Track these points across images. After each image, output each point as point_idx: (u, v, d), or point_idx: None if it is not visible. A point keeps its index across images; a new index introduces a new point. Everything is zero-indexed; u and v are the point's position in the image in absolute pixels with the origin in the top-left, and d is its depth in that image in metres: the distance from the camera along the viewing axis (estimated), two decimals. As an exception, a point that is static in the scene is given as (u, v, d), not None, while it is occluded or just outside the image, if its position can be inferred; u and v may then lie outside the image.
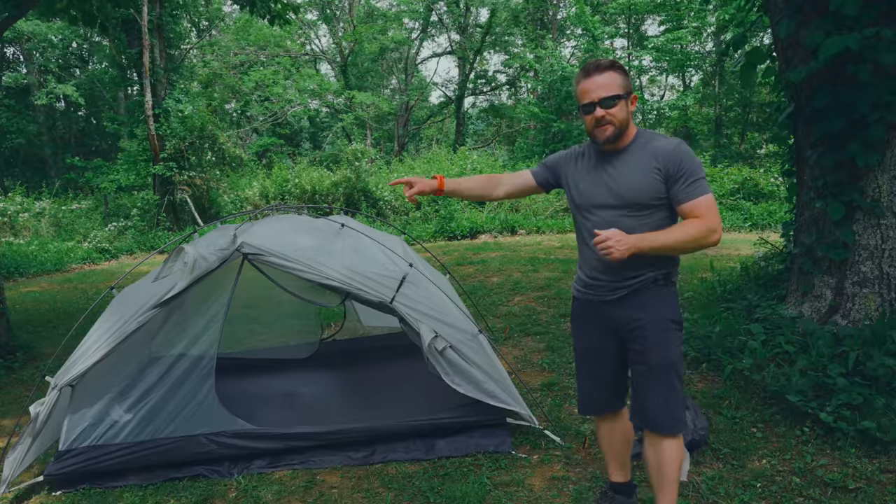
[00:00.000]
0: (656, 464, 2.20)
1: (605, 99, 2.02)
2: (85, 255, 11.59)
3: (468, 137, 26.43)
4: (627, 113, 2.07)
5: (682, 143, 2.05)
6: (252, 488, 2.90)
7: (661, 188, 2.04)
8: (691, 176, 1.99)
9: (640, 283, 2.11)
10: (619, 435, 2.42)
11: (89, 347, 3.00)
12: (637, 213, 2.06)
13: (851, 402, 2.97)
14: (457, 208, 13.62)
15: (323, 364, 4.57)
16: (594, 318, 2.24)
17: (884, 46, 3.06)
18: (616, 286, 2.14)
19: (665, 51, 17.82)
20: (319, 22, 26.06)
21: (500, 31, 24.90)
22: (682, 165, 2.00)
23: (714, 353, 4.00)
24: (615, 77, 2.04)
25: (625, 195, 2.07)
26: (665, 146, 2.05)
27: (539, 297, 6.38)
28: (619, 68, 2.07)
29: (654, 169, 2.03)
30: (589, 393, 2.37)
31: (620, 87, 2.04)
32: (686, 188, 2.00)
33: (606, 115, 2.03)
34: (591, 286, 2.22)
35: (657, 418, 2.14)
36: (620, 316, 2.16)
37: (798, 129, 3.88)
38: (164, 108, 13.65)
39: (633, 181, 2.06)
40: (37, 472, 3.09)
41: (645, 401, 2.16)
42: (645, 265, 2.09)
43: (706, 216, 1.97)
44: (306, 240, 3.33)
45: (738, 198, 12.92)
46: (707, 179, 2.27)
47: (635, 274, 2.10)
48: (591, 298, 2.23)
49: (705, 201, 1.99)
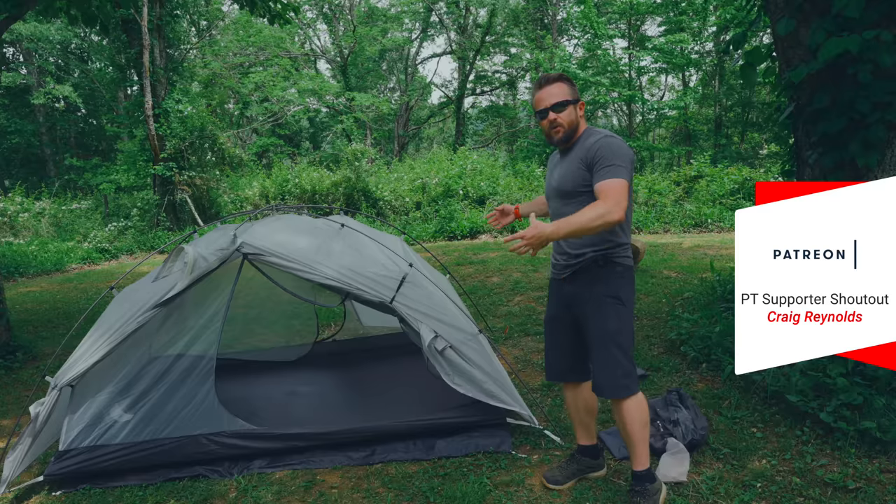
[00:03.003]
0: (620, 424, 2.50)
1: (556, 104, 2.38)
2: (85, 255, 11.59)
3: (468, 137, 26.43)
4: (576, 117, 2.43)
5: (606, 137, 2.35)
6: (252, 488, 2.90)
7: (585, 176, 2.36)
8: (604, 163, 2.28)
9: (582, 263, 2.43)
10: (581, 403, 2.74)
11: (89, 347, 3.00)
12: (572, 201, 2.40)
13: (851, 402, 2.97)
14: (457, 208, 13.62)
15: (323, 364, 4.57)
16: (556, 294, 2.61)
17: (883, 48, 3.06)
18: (566, 265, 2.49)
19: (665, 51, 17.82)
20: (318, 21, 26.05)
21: (501, 32, 24.90)
22: (598, 154, 2.30)
23: (714, 353, 3.99)
24: (563, 87, 2.40)
25: (561, 186, 2.46)
26: (590, 141, 2.37)
27: (539, 297, 6.38)
28: (566, 80, 2.42)
29: (581, 160, 2.37)
30: (552, 359, 2.72)
31: (568, 94, 2.40)
32: (598, 172, 2.29)
33: (557, 119, 2.39)
34: (554, 266, 2.58)
35: (599, 383, 2.47)
36: (570, 292, 2.51)
37: (798, 129, 3.88)
38: (163, 109, 13.64)
39: (568, 173, 2.42)
40: (37, 472, 3.09)
41: (595, 374, 2.49)
42: (585, 246, 2.41)
43: (605, 197, 2.22)
44: (306, 240, 3.33)
45: (738, 198, 12.91)
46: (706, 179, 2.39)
47: (577, 254, 2.43)
48: (555, 277, 2.60)
49: (608, 184, 2.24)
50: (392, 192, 14.76)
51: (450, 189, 14.53)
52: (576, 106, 2.42)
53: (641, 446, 2.48)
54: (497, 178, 15.06)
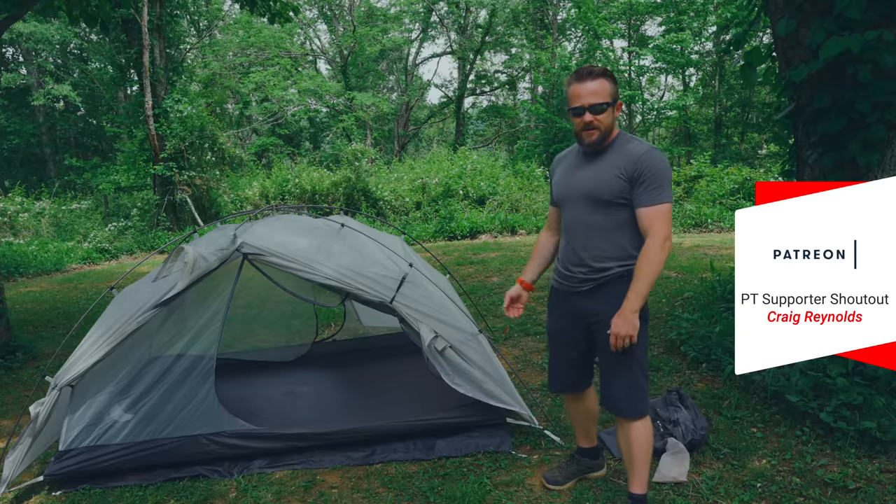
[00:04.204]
0: (626, 445, 2.40)
1: (595, 105, 2.17)
2: (85, 255, 11.58)
3: (468, 137, 26.43)
4: (613, 119, 2.23)
5: (652, 150, 2.18)
6: (252, 488, 2.90)
7: (624, 188, 2.19)
8: (653, 183, 2.14)
9: (607, 278, 2.27)
10: (582, 410, 2.68)
11: (89, 347, 3.00)
12: (604, 211, 2.24)
13: (851, 402, 2.97)
14: (457, 208, 13.62)
15: (323, 364, 4.57)
16: (566, 306, 2.42)
17: (884, 48, 3.06)
18: (586, 279, 2.31)
19: (665, 51, 17.82)
20: (318, 21, 26.06)
21: (501, 32, 24.90)
22: (647, 171, 2.15)
23: (714, 353, 3.99)
24: (606, 85, 2.19)
25: (592, 192, 2.25)
26: (635, 150, 2.20)
27: (539, 297, 6.38)
28: (609, 76, 2.21)
29: (621, 169, 2.19)
30: (557, 373, 2.60)
31: (609, 95, 2.19)
32: (644, 193, 2.16)
33: (594, 121, 2.19)
34: (566, 276, 2.39)
35: (619, 404, 2.36)
36: (588, 307, 2.33)
37: (798, 129, 3.88)
38: (163, 109, 13.64)
39: (602, 180, 2.23)
40: (37, 472, 3.09)
41: (609, 388, 2.37)
42: (610, 259, 2.26)
43: (655, 228, 2.13)
44: (306, 240, 3.33)
45: (738, 198, 12.92)
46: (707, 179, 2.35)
47: (601, 268, 2.27)
48: (565, 289, 2.41)
49: (658, 211, 2.14)
50: (392, 192, 14.75)
51: (450, 189, 14.53)
52: (614, 107, 2.23)
53: (643, 469, 2.40)
54: (497, 178, 15.07)
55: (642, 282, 2.12)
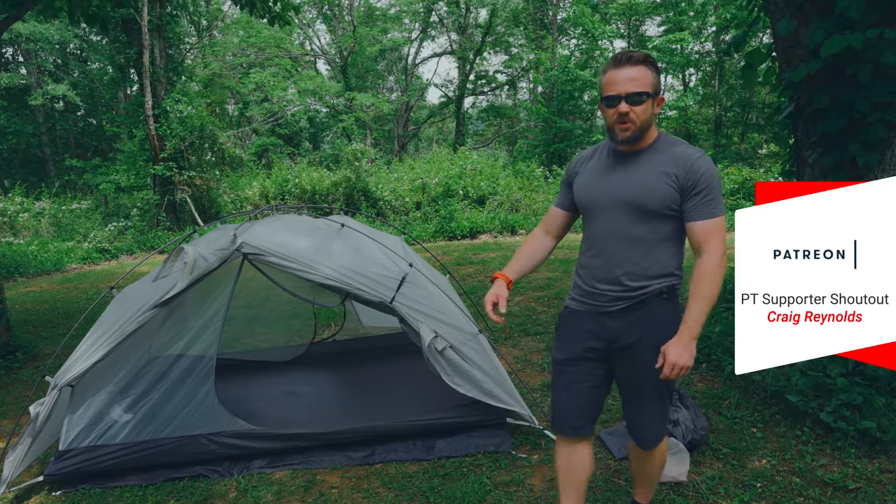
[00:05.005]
0: (641, 464, 2.28)
1: (632, 94, 1.86)
2: (85, 255, 11.58)
3: (468, 137, 26.43)
4: (651, 114, 1.92)
5: (704, 155, 1.93)
6: (252, 488, 2.90)
7: (674, 197, 1.90)
8: (708, 194, 1.89)
9: (644, 296, 1.98)
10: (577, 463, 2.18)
11: (89, 347, 3.00)
12: (648, 222, 1.94)
13: (851, 402, 2.97)
14: (457, 208, 13.62)
15: (323, 364, 4.57)
16: (588, 328, 2.06)
17: (886, 47, 3.06)
18: (619, 296, 1.99)
19: (665, 51, 17.82)
20: (317, 21, 26.06)
21: (501, 32, 24.91)
22: (703, 181, 1.88)
23: (714, 353, 4.00)
24: (646, 73, 1.88)
25: (635, 200, 1.93)
26: (686, 154, 1.91)
27: (539, 297, 6.38)
28: (651, 64, 1.90)
29: (671, 175, 1.90)
30: (567, 409, 2.14)
31: (650, 85, 1.88)
32: (700, 205, 1.89)
33: (630, 113, 1.87)
34: (590, 295, 2.05)
35: (647, 438, 2.14)
36: (618, 329, 2.00)
37: (798, 129, 3.88)
38: (163, 109, 13.64)
39: (646, 186, 1.92)
40: (37, 472, 3.09)
41: (639, 419, 2.12)
42: (651, 278, 1.97)
43: (712, 244, 1.89)
44: (306, 240, 3.33)
45: (738, 198, 12.93)
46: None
47: (640, 285, 1.97)
48: (588, 309, 2.06)
49: (714, 225, 1.90)
50: (392, 192, 14.76)
51: (450, 189, 14.54)
52: (655, 100, 1.91)
53: (654, 483, 2.34)
54: (497, 178, 15.07)
55: (703, 304, 1.87)
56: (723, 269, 1.89)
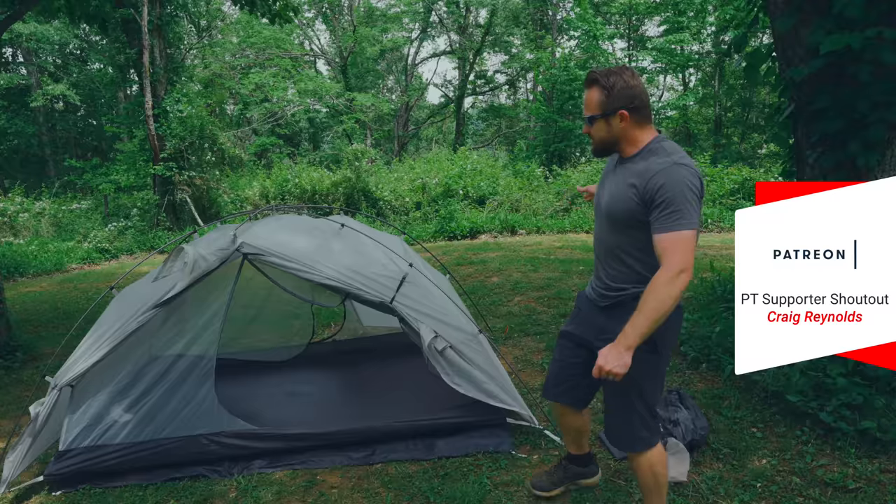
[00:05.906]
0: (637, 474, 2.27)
1: (587, 117, 2.02)
2: (85, 255, 11.58)
3: (468, 137, 26.42)
4: (608, 131, 2.00)
5: (673, 167, 1.87)
6: (252, 488, 2.90)
7: (637, 209, 1.93)
8: (667, 207, 1.83)
9: (621, 298, 2.09)
10: (573, 424, 2.51)
11: (89, 347, 3.01)
12: (622, 231, 2.02)
13: (851, 402, 2.97)
14: (457, 208, 13.62)
15: (323, 364, 4.57)
16: (588, 315, 2.26)
17: (885, 46, 3.06)
18: (604, 294, 2.16)
19: (665, 51, 17.82)
20: (317, 21, 26.06)
21: (500, 32, 24.91)
22: (660, 194, 1.85)
23: (714, 353, 4.00)
24: (594, 96, 1.99)
25: (608, 210, 2.06)
26: (650, 167, 1.91)
27: (539, 297, 6.38)
28: (600, 86, 1.97)
29: (635, 187, 1.93)
30: (556, 377, 2.39)
31: (597, 107, 1.98)
32: (660, 218, 1.86)
33: (589, 132, 2.05)
34: (593, 287, 2.26)
35: (613, 436, 2.26)
36: (602, 323, 2.16)
37: (798, 129, 3.88)
38: (163, 109, 13.64)
39: (617, 197, 2.01)
40: (37, 472, 3.09)
41: (607, 418, 2.25)
42: (626, 282, 2.07)
43: (666, 258, 1.82)
44: (306, 240, 3.33)
45: (738, 198, 12.91)
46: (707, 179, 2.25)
47: (618, 287, 2.10)
48: (591, 298, 2.26)
49: (674, 240, 1.82)
50: (392, 192, 14.75)
51: (450, 189, 14.53)
52: (609, 118, 1.98)
53: (653, 498, 2.24)
54: (497, 178, 15.06)
55: (643, 318, 1.81)
56: (676, 284, 1.80)
